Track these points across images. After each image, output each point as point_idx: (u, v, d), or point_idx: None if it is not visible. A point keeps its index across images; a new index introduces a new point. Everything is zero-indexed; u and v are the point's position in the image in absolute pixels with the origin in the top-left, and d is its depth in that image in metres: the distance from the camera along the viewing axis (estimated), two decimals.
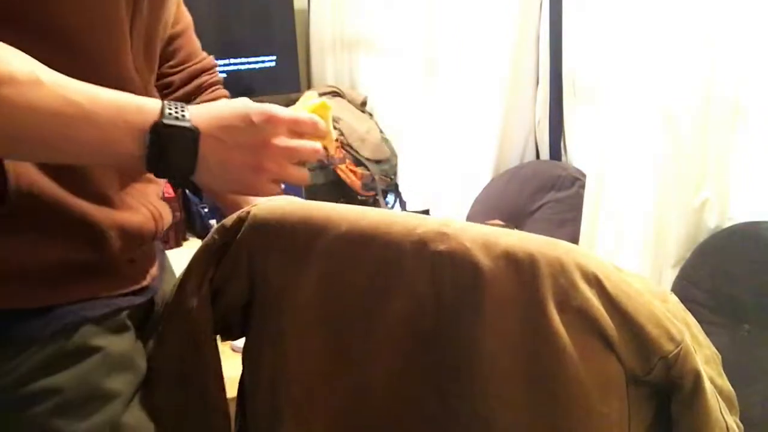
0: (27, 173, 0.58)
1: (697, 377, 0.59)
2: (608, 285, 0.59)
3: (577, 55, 2.04)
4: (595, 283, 0.59)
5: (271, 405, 0.72)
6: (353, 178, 2.73)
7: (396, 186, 2.75)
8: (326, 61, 3.01)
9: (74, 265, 0.64)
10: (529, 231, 1.61)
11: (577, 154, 2.15)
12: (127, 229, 0.67)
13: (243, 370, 0.78)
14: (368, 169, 2.73)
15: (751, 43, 1.51)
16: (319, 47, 3.01)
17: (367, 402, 0.70)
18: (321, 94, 3.39)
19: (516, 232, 0.65)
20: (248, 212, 0.72)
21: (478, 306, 0.62)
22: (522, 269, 0.60)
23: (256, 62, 2.77)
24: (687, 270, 1.69)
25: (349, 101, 2.91)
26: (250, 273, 0.73)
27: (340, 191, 2.88)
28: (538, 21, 2.18)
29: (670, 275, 1.72)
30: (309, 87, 3.11)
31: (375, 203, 2.77)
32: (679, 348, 0.58)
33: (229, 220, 0.73)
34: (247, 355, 0.77)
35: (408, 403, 0.68)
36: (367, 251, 0.68)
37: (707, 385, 0.60)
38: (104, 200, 0.66)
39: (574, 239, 1.89)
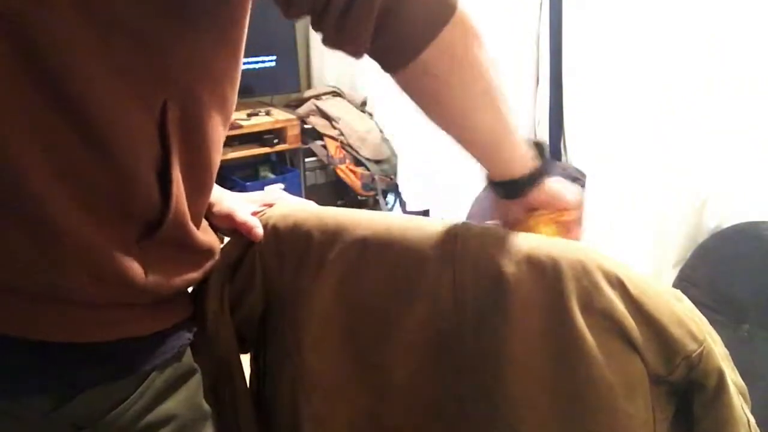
0: (181, 204, 0.58)
1: (721, 375, 0.59)
2: (630, 286, 0.59)
3: (577, 55, 2.04)
4: (618, 284, 0.59)
5: (292, 415, 0.71)
6: (353, 178, 2.74)
7: (396, 186, 2.75)
8: (326, 61, 3.01)
9: (186, 288, 0.65)
10: None
11: (577, 154, 2.15)
12: (219, 248, 0.68)
13: (259, 380, 0.76)
14: (368, 169, 2.73)
15: (753, 43, 1.51)
16: (319, 47, 3.00)
17: (385, 408, 0.69)
18: (321, 94, 3.36)
19: (535, 235, 0.64)
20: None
21: (501, 310, 0.61)
22: (545, 273, 0.60)
23: (256, 62, 2.77)
24: (687, 270, 1.69)
25: (349, 101, 2.91)
26: (265, 283, 0.71)
27: (340, 191, 2.88)
28: (538, 21, 2.18)
29: (670, 275, 1.72)
30: (309, 87, 3.11)
31: (375, 203, 2.77)
32: (701, 347, 0.58)
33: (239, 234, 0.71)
34: (266, 368, 0.75)
35: (427, 410, 0.67)
36: (385, 256, 0.67)
37: (730, 383, 0.60)
38: (206, 225, 0.66)
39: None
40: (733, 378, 0.61)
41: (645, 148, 1.71)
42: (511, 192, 0.69)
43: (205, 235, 0.64)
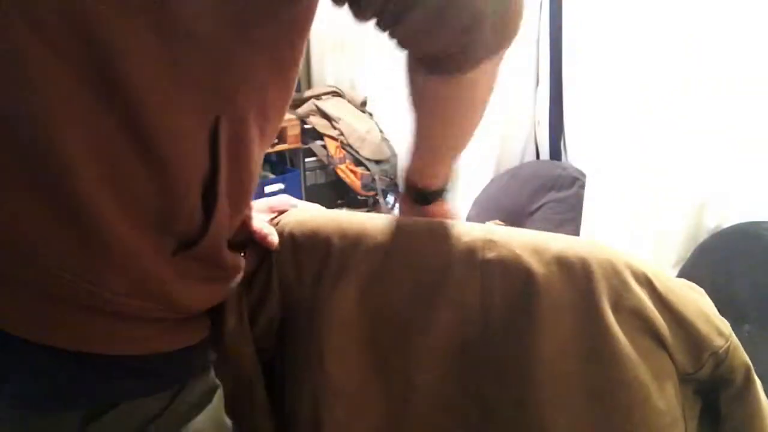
0: (222, 222, 0.58)
1: (748, 370, 0.59)
2: (658, 284, 0.59)
3: (577, 55, 2.04)
4: (646, 282, 0.59)
5: (314, 425, 0.69)
6: (353, 178, 2.74)
7: (396, 186, 2.75)
8: (326, 61, 3.01)
9: (213, 304, 0.65)
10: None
11: (577, 154, 2.15)
12: (242, 265, 0.68)
13: (276, 391, 0.75)
14: (368, 169, 2.73)
15: (753, 44, 1.51)
16: (319, 47, 3.01)
17: (408, 416, 0.68)
18: (321, 94, 3.36)
19: (560, 235, 0.64)
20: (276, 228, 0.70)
21: (531, 313, 0.60)
22: (575, 273, 0.59)
23: None
24: (687, 270, 1.69)
25: (349, 101, 2.91)
26: (283, 293, 0.70)
27: (340, 191, 2.89)
28: (538, 21, 2.18)
29: (671, 275, 1.72)
30: (309, 87, 3.11)
31: (375, 203, 2.77)
32: (728, 343, 0.59)
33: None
34: (284, 378, 0.73)
35: (451, 416, 0.66)
36: (410, 263, 0.65)
37: (756, 377, 0.60)
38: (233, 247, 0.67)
39: None
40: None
41: (645, 147, 1.71)
42: (427, 199, 0.75)
43: (232, 252, 0.64)
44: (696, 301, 0.60)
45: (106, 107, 0.49)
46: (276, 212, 0.75)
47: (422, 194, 0.74)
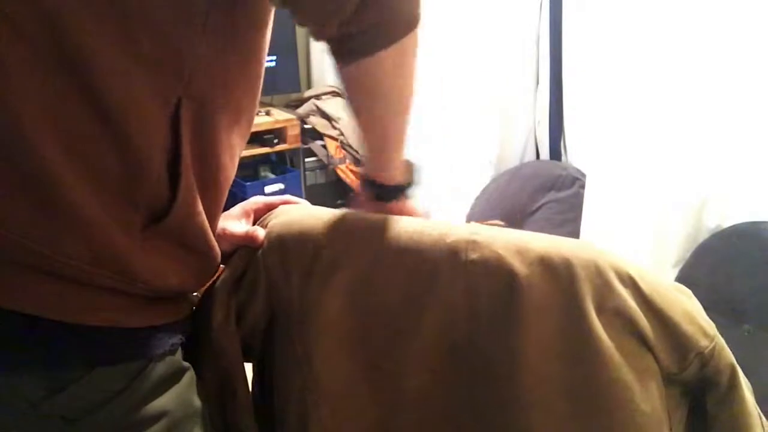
0: (189, 197, 0.59)
1: (733, 370, 0.59)
2: (642, 285, 0.59)
3: (577, 55, 2.04)
4: (630, 283, 0.59)
5: (301, 427, 0.69)
6: (353, 178, 2.73)
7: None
8: (326, 61, 3.01)
9: (182, 291, 0.66)
10: (530, 231, 1.61)
11: (577, 154, 2.15)
12: (219, 260, 0.68)
13: (264, 392, 0.75)
14: None
15: (753, 44, 1.51)
16: (319, 47, 3.01)
17: (397, 418, 0.68)
18: (321, 94, 3.36)
19: (544, 235, 0.64)
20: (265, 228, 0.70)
21: (515, 313, 0.60)
22: (558, 273, 0.59)
23: None
24: (687, 270, 1.69)
25: None
26: (270, 294, 0.70)
27: (340, 191, 2.89)
28: (538, 21, 2.18)
29: (670, 275, 1.72)
30: (309, 87, 3.11)
31: None
32: (713, 343, 0.58)
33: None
34: (273, 379, 0.73)
35: (440, 418, 0.66)
36: (398, 264, 0.65)
37: (742, 378, 0.60)
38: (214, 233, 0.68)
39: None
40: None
41: (645, 147, 1.72)
42: (385, 195, 0.75)
43: (209, 240, 0.65)
44: (681, 302, 0.59)
45: (66, 82, 0.51)
46: (251, 213, 0.75)
47: (381, 190, 0.74)
